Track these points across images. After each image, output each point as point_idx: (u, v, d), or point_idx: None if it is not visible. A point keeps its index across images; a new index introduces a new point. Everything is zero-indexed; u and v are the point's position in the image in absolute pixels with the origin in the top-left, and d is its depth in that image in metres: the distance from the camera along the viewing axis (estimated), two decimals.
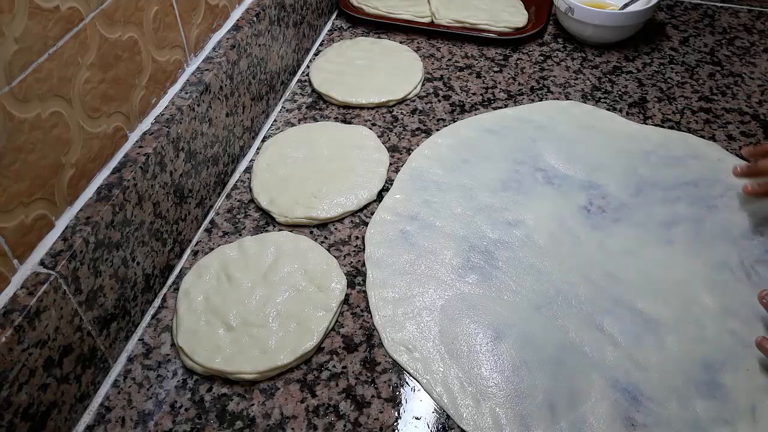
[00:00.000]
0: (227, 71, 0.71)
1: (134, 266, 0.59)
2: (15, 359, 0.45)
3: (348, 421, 0.54)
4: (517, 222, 0.70)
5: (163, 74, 0.63)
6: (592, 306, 0.62)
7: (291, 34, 0.89)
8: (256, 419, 0.54)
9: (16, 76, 0.45)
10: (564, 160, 0.77)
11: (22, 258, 0.48)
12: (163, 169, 0.61)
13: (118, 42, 0.55)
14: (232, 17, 0.76)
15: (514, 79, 0.92)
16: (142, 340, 0.60)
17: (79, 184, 0.54)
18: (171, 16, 0.63)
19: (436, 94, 0.89)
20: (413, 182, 0.75)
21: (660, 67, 0.94)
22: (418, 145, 0.80)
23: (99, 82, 0.54)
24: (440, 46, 0.98)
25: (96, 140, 0.55)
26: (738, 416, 0.54)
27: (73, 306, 0.50)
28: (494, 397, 0.55)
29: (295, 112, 0.86)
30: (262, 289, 0.62)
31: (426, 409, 0.55)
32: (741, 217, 0.70)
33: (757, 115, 0.85)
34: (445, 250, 0.67)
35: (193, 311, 0.60)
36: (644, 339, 0.60)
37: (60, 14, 0.48)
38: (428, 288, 0.64)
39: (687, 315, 0.61)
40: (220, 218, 0.72)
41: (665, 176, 0.75)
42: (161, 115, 0.62)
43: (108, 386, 0.56)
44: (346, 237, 0.69)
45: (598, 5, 0.97)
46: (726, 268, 0.65)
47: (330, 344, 0.60)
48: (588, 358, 0.58)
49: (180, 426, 0.54)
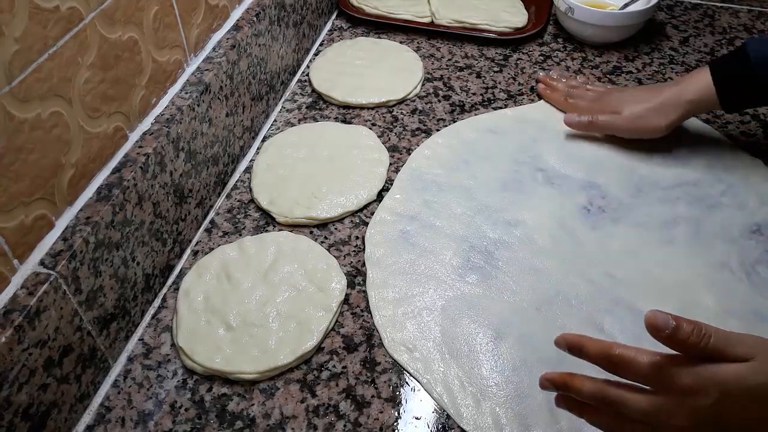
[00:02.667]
0: (227, 71, 0.71)
1: (134, 266, 0.59)
2: (15, 359, 0.45)
3: (348, 421, 0.54)
4: (517, 222, 0.70)
5: (163, 74, 0.63)
6: (592, 306, 0.62)
7: (291, 34, 0.89)
8: (256, 419, 0.54)
9: (16, 76, 0.45)
10: (564, 160, 0.77)
11: (22, 258, 0.48)
12: (163, 169, 0.61)
13: (118, 42, 0.55)
14: (232, 17, 0.76)
15: (514, 79, 0.92)
16: (142, 340, 0.60)
17: (79, 184, 0.54)
18: (171, 16, 0.63)
19: (436, 94, 0.89)
20: (413, 182, 0.75)
21: (660, 67, 0.94)
22: (418, 145, 0.80)
23: (99, 82, 0.54)
24: (440, 46, 0.98)
25: (96, 140, 0.55)
26: None
27: (73, 306, 0.50)
28: (494, 396, 0.55)
29: (295, 112, 0.86)
30: (262, 289, 0.62)
31: (426, 409, 0.55)
32: (741, 217, 0.70)
33: (757, 115, 0.85)
34: (445, 250, 0.67)
35: (193, 311, 0.60)
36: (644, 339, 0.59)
37: (60, 14, 0.48)
38: (428, 288, 0.64)
39: (687, 315, 0.60)
40: (220, 218, 0.72)
41: (665, 176, 0.75)
42: (161, 115, 0.62)
43: (108, 386, 0.56)
44: (346, 237, 0.69)
45: (598, 5, 0.97)
46: (726, 268, 0.65)
47: (330, 344, 0.60)
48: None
49: (180, 426, 0.54)
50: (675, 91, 0.72)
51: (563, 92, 0.84)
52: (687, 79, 0.72)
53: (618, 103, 0.76)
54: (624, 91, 0.79)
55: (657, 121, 0.73)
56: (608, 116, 0.76)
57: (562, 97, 0.84)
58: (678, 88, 0.72)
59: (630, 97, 0.76)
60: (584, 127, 0.78)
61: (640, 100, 0.75)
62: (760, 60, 0.65)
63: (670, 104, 0.72)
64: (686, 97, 0.71)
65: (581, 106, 0.81)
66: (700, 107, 0.72)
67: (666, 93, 0.73)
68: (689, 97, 0.71)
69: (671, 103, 0.72)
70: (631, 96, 0.77)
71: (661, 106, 0.72)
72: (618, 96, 0.78)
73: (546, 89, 0.87)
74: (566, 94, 0.84)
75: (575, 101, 0.82)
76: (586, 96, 0.82)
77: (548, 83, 0.87)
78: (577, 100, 0.82)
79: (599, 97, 0.80)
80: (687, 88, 0.71)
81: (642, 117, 0.74)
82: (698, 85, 0.70)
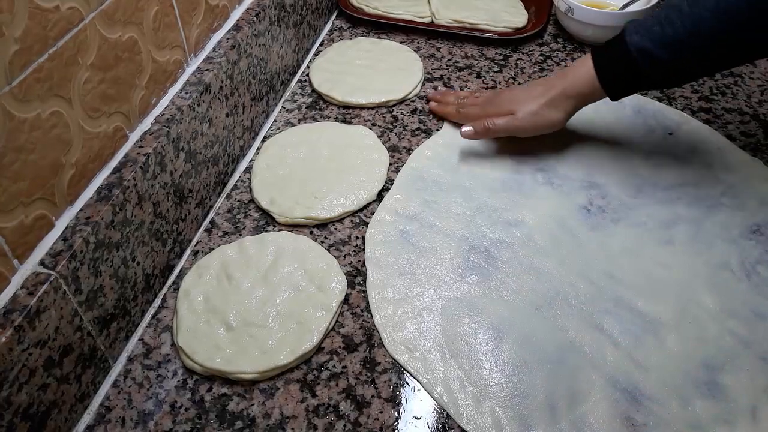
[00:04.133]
0: (227, 71, 0.71)
1: (134, 266, 0.59)
2: (15, 359, 0.45)
3: (348, 421, 0.54)
4: (518, 222, 0.70)
5: (163, 74, 0.63)
6: (592, 306, 0.62)
7: (291, 34, 0.89)
8: (256, 419, 0.54)
9: (16, 76, 0.45)
10: (564, 160, 0.77)
11: (22, 258, 0.48)
12: (163, 169, 0.61)
13: (118, 42, 0.55)
14: (232, 17, 0.76)
15: (514, 79, 0.92)
16: (142, 340, 0.60)
17: (79, 184, 0.54)
18: (171, 16, 0.63)
19: None
20: (413, 182, 0.75)
21: None
22: (418, 145, 0.80)
23: (99, 82, 0.54)
24: (440, 46, 0.98)
25: (96, 140, 0.55)
26: (738, 416, 0.54)
27: (73, 306, 0.50)
28: (494, 396, 0.55)
29: (295, 112, 0.86)
30: (262, 289, 0.62)
31: (426, 409, 0.55)
32: (741, 217, 0.70)
33: (757, 115, 0.85)
34: (445, 250, 0.67)
35: (193, 311, 0.60)
36: (644, 339, 0.60)
37: (60, 14, 0.48)
38: (428, 288, 0.64)
39: (687, 315, 0.61)
40: (220, 218, 0.72)
41: (665, 176, 0.75)
42: (161, 115, 0.62)
43: (108, 386, 0.56)
44: (346, 237, 0.69)
45: (598, 5, 0.97)
46: (726, 268, 0.65)
47: (330, 344, 0.60)
48: (588, 358, 0.58)
49: (180, 426, 0.54)
50: (563, 83, 0.71)
51: (454, 105, 0.82)
52: (573, 70, 0.71)
53: (510, 103, 0.75)
54: (513, 90, 0.78)
55: (553, 116, 0.72)
56: (504, 119, 0.74)
57: (454, 110, 0.82)
58: (566, 80, 0.71)
59: (521, 95, 0.75)
60: (482, 135, 0.75)
61: (531, 97, 0.73)
62: (637, 46, 0.64)
63: (562, 97, 0.71)
64: (574, 89, 0.71)
65: (474, 114, 0.78)
66: (592, 97, 0.71)
67: (556, 86, 0.72)
68: (577, 89, 0.70)
69: (562, 95, 0.71)
70: (521, 94, 0.75)
71: (553, 101, 0.72)
72: (508, 96, 0.76)
73: (438, 106, 0.84)
74: (458, 106, 0.82)
75: (467, 110, 0.80)
76: (476, 103, 0.80)
77: (439, 99, 0.85)
78: (468, 109, 0.80)
79: (490, 100, 0.78)
80: (574, 81, 0.71)
81: (537, 114, 0.73)
82: (584, 77, 0.70)
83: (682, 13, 0.62)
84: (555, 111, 0.72)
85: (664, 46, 0.63)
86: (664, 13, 0.63)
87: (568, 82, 0.71)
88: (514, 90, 0.77)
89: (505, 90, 0.79)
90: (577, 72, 0.71)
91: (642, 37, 0.64)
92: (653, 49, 0.63)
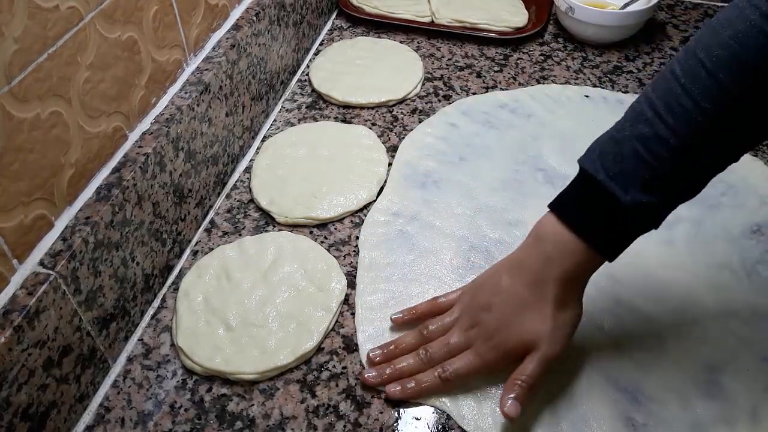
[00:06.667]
0: (227, 71, 0.71)
1: (134, 266, 0.58)
2: (14, 359, 0.45)
3: (348, 421, 0.54)
4: (518, 222, 0.70)
5: (162, 74, 0.63)
6: (592, 306, 0.62)
7: (291, 33, 0.89)
8: (256, 419, 0.54)
9: (16, 76, 0.45)
10: (564, 160, 0.77)
11: (21, 258, 0.48)
12: (163, 169, 0.61)
13: (117, 42, 0.55)
14: (232, 17, 0.76)
15: (515, 78, 0.92)
16: (141, 340, 0.60)
17: (78, 184, 0.54)
18: (170, 16, 0.63)
19: (436, 93, 0.89)
20: (413, 182, 0.75)
21: (660, 66, 0.93)
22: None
23: (98, 81, 0.54)
24: (440, 46, 0.98)
25: (95, 140, 0.55)
26: (738, 416, 0.54)
27: (73, 306, 0.50)
28: (495, 397, 0.55)
29: (295, 112, 0.86)
30: (261, 289, 0.62)
31: (426, 410, 0.55)
32: (741, 217, 0.70)
33: None
34: (445, 250, 0.67)
35: (193, 311, 0.60)
36: (644, 339, 0.60)
37: (60, 14, 0.48)
38: (428, 288, 0.64)
39: (687, 315, 0.61)
40: (220, 218, 0.72)
41: None
42: (161, 115, 0.62)
43: (107, 386, 0.56)
44: (346, 237, 0.69)
45: (599, 5, 0.97)
46: (726, 268, 0.65)
47: (330, 344, 0.60)
48: (588, 357, 0.58)
49: (180, 426, 0.54)
50: (556, 271, 0.52)
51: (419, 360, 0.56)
52: (555, 248, 0.52)
53: (509, 331, 0.53)
54: (493, 307, 0.54)
55: (574, 316, 0.54)
56: (534, 362, 0.52)
57: (431, 377, 0.55)
58: (554, 265, 0.52)
59: (510, 311, 0.54)
60: (526, 400, 0.52)
61: (530, 310, 0.53)
62: (632, 201, 0.48)
63: (566, 289, 0.53)
64: (574, 271, 0.52)
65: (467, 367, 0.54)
66: (595, 267, 0.53)
67: (546, 281, 0.52)
68: (578, 271, 0.52)
69: (565, 287, 0.53)
70: (509, 309, 0.54)
71: (562, 300, 0.53)
72: (497, 318, 0.54)
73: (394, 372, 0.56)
74: (428, 362, 0.55)
75: (455, 368, 0.54)
76: (456, 345, 0.55)
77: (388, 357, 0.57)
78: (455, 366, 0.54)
79: (478, 335, 0.54)
80: (564, 263, 0.52)
81: (560, 328, 0.53)
82: (572, 259, 0.52)
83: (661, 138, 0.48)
84: (570, 310, 0.54)
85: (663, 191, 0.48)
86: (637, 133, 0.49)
87: (559, 266, 0.52)
88: (494, 307, 0.54)
89: (482, 308, 0.55)
90: (562, 250, 0.52)
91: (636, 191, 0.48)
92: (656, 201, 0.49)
